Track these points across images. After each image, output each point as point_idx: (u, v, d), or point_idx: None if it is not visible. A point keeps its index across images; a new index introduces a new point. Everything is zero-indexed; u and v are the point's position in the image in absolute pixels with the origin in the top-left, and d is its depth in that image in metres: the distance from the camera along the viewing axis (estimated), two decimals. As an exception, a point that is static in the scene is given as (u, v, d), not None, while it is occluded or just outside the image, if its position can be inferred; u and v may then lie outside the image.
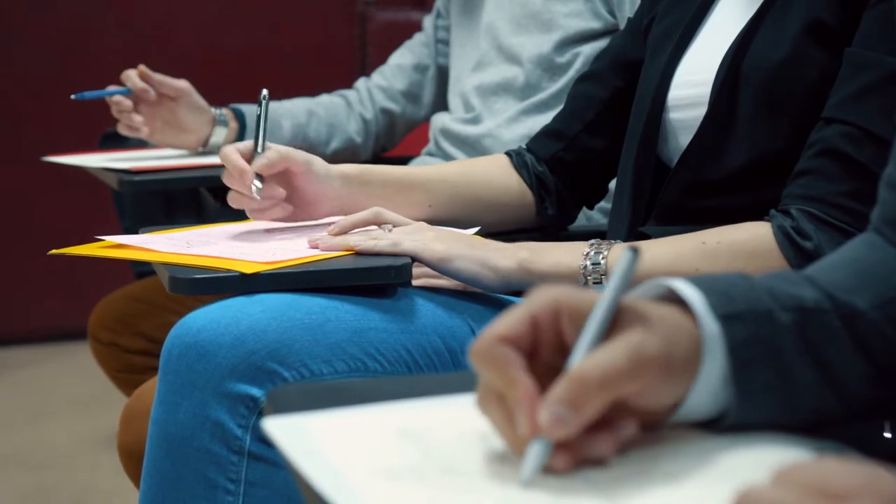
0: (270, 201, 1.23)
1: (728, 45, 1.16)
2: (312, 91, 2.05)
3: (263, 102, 1.32)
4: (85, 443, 2.60)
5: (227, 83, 3.20)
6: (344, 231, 1.18)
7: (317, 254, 1.15)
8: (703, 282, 0.64)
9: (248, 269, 1.06)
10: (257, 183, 1.20)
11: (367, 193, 1.25)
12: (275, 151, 1.22)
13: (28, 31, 3.16)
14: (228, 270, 1.07)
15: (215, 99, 1.91)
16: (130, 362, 1.94)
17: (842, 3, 1.09)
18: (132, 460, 1.44)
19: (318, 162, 1.25)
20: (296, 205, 1.26)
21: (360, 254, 1.14)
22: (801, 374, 0.64)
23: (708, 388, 0.62)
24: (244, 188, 1.21)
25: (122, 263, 1.49)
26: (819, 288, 0.67)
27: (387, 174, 1.30)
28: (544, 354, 0.62)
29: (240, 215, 1.99)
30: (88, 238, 1.31)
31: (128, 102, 1.80)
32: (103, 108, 1.84)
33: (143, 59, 3.19)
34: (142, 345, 1.93)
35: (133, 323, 1.93)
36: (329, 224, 1.22)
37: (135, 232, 2.23)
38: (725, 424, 0.63)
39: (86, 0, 3.19)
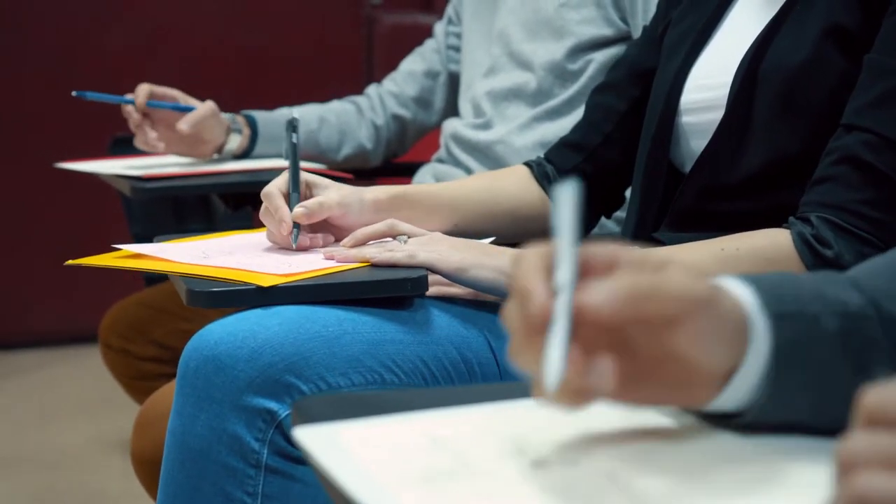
0: (307, 246, 1.22)
1: (745, 48, 1.15)
2: (319, 94, 2.05)
3: (294, 134, 1.28)
4: (94, 445, 2.60)
5: (234, 86, 3.20)
6: (359, 243, 1.18)
7: (333, 265, 1.14)
8: (752, 280, 0.65)
9: (266, 283, 1.06)
10: (294, 231, 1.20)
11: (397, 217, 1.24)
12: (316, 202, 1.20)
13: (34, 32, 3.16)
14: (246, 283, 1.07)
15: (222, 101, 1.91)
16: (142, 369, 1.94)
17: (863, 8, 1.08)
18: (145, 467, 1.44)
19: (353, 200, 1.23)
20: (330, 232, 1.25)
21: (375, 266, 1.14)
22: (840, 379, 0.64)
23: (746, 382, 0.63)
24: (281, 230, 1.20)
25: (133, 268, 1.49)
26: (864, 292, 0.67)
27: (415, 198, 1.29)
28: None
29: (250, 222, 2.00)
30: (97, 241, 1.31)
31: (136, 115, 1.79)
32: (111, 111, 1.84)
33: (150, 60, 3.22)
34: (153, 352, 1.93)
35: (144, 330, 1.93)
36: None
37: (145, 236, 2.25)
38: (742, 421, 0.64)
39: (91, 2, 3.19)
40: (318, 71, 3.33)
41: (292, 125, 1.29)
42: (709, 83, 1.20)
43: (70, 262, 1.19)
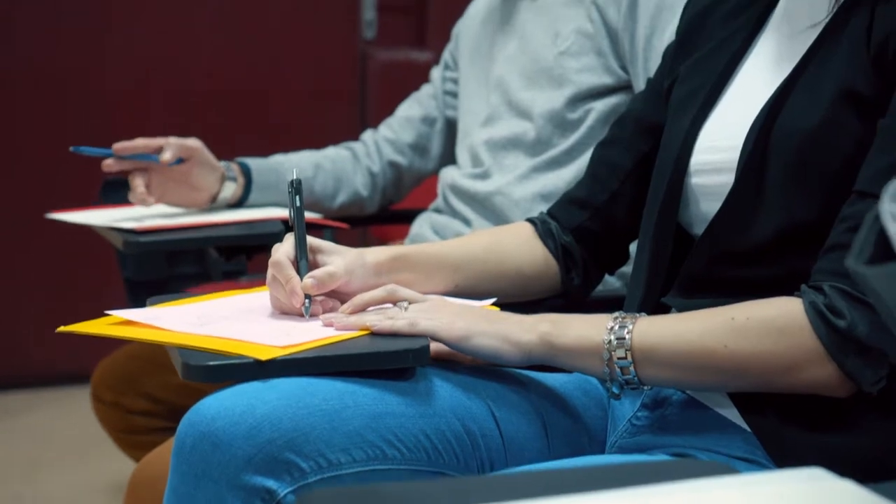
0: (317, 313, 1.17)
1: (756, 109, 1.13)
2: (313, 128, 2.02)
3: (298, 196, 1.22)
4: (84, 493, 2.55)
5: (229, 122, 3.18)
6: (359, 309, 1.15)
7: (332, 334, 1.11)
8: None
9: (264, 355, 1.03)
10: (306, 303, 1.15)
11: (397, 280, 1.21)
12: (326, 273, 1.16)
13: (31, 66, 3.13)
14: (242, 356, 1.03)
15: (218, 138, 1.88)
16: (133, 423, 1.91)
17: (877, 71, 1.06)
18: (138, 531, 1.40)
19: (356, 266, 1.20)
20: (334, 298, 1.21)
21: (376, 334, 1.11)
22: None
23: None
24: (290, 300, 1.15)
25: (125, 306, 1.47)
26: None
27: (415, 259, 1.26)
28: None
29: (244, 267, 1.97)
30: (90, 281, 1.27)
31: (109, 162, 1.74)
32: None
33: (145, 100, 3.19)
34: (144, 405, 1.90)
35: (136, 382, 1.90)
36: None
37: (137, 281, 2.21)
38: None
39: (88, 40, 3.16)
40: (313, 106, 3.30)
41: (295, 187, 1.23)
42: (719, 144, 1.17)
43: (62, 329, 1.16)
